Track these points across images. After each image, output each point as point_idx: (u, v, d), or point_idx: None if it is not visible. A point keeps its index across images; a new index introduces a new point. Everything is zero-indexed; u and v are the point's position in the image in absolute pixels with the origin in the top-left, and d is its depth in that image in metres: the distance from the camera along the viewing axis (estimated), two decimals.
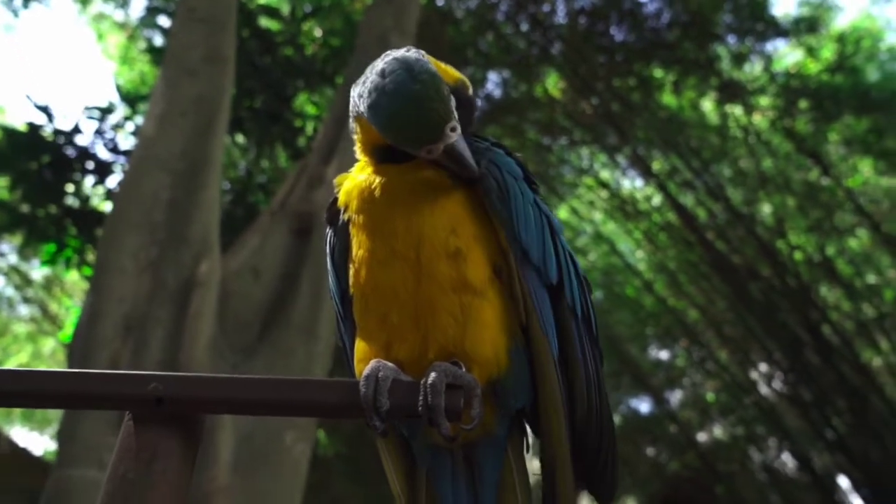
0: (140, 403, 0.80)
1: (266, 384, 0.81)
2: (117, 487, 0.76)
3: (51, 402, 0.83)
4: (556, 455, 0.89)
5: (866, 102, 8.97)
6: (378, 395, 0.81)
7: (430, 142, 0.89)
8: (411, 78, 0.87)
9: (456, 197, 0.94)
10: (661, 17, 9.68)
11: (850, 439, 10.03)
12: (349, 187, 1.01)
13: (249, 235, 4.39)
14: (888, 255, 9.92)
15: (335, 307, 1.05)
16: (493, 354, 0.88)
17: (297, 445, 3.51)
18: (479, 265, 0.91)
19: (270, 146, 8.08)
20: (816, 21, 9.18)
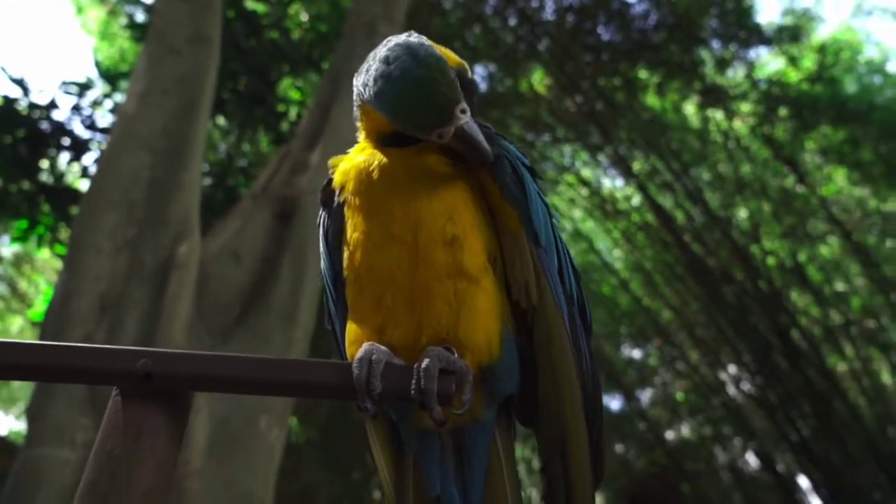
0: (129, 379, 0.79)
1: (258, 363, 0.81)
2: (104, 464, 0.76)
3: (39, 374, 0.82)
4: (568, 429, 0.90)
5: (843, 113, 9.15)
6: (371, 377, 0.81)
7: (440, 125, 0.88)
8: (416, 63, 0.87)
9: (455, 184, 0.95)
10: (648, 18, 9.75)
11: (812, 441, 10.27)
12: (346, 168, 1.01)
13: (230, 218, 4.34)
14: (857, 264, 10.14)
15: (327, 289, 1.05)
16: (486, 342, 0.89)
17: (272, 431, 3.49)
18: (475, 253, 0.92)
19: (253, 130, 8.00)
20: (799, 30, 9.32)
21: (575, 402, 0.90)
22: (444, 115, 0.88)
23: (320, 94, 5.50)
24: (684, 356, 11.20)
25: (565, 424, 0.90)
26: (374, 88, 0.90)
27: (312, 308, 4.13)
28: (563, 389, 0.91)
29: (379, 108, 0.91)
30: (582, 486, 0.89)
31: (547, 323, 0.92)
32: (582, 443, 0.90)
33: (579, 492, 0.89)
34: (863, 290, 10.56)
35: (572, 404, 0.90)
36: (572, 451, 0.90)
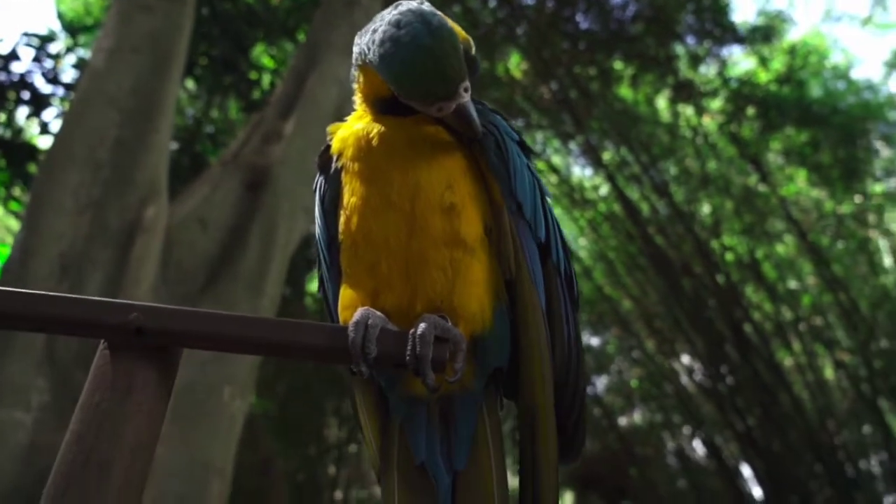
0: (119, 332, 0.78)
1: (254, 323, 0.81)
2: (91, 417, 0.74)
3: (23, 323, 0.80)
4: (537, 403, 0.91)
5: (808, 116, 9.39)
6: (366, 341, 0.81)
7: (443, 99, 0.88)
8: (429, 32, 0.86)
9: (453, 154, 0.95)
10: (626, 9, 9.80)
11: (756, 431, 10.67)
12: (344, 135, 1.00)
13: (198, 185, 4.25)
14: (810, 263, 10.50)
15: (321, 254, 1.05)
16: (479, 311, 0.90)
17: (235, 401, 3.47)
18: (472, 223, 0.92)
19: (223, 96, 7.81)
20: (771, 31, 9.49)
21: (545, 376, 0.92)
22: (450, 89, 0.87)
23: (296, 63, 5.40)
24: (641, 345, 11.46)
25: (534, 399, 0.92)
26: (380, 50, 0.88)
27: (280, 279, 4.09)
28: (533, 362, 0.92)
29: (382, 71, 0.90)
30: (549, 461, 0.91)
31: (523, 296, 0.93)
32: (549, 419, 0.91)
33: (545, 465, 0.90)
34: (813, 288, 10.94)
35: (542, 379, 0.92)
36: (540, 424, 0.91)
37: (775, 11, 9.93)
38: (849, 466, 10.43)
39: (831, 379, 11.13)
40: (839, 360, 10.48)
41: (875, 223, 10.34)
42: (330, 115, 5.01)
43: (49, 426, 2.92)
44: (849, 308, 9.98)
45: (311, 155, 4.64)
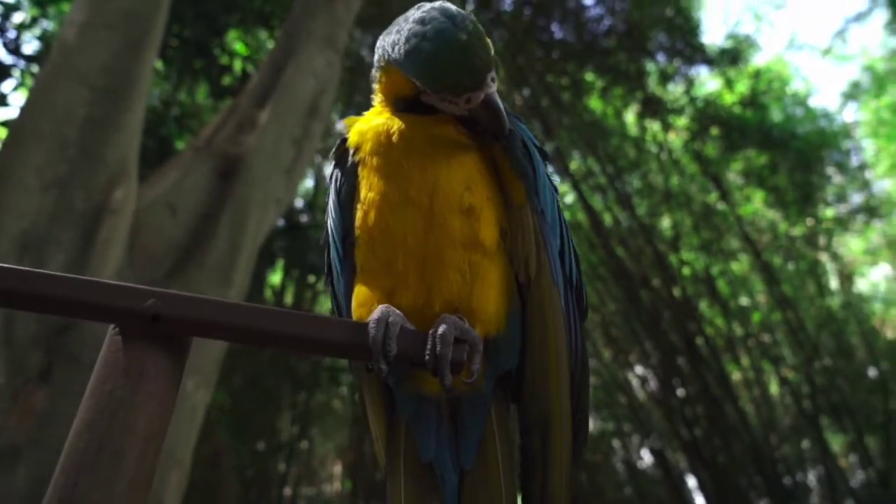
0: (134, 318, 0.76)
1: (274, 315, 0.80)
2: (104, 404, 0.72)
3: (39, 305, 0.77)
4: (551, 406, 0.92)
5: (768, 139, 9.71)
6: (387, 339, 0.81)
7: (472, 88, 0.89)
8: (454, 25, 0.87)
9: (473, 156, 0.95)
10: (601, 22, 9.98)
11: (703, 442, 10.95)
12: (363, 129, 1.00)
13: (169, 169, 4.14)
14: (762, 282, 10.84)
15: (333, 247, 1.04)
16: (495, 314, 0.91)
17: (198, 392, 3.39)
18: (490, 225, 0.93)
19: (192, 79, 7.63)
20: (738, 55, 9.78)
21: (562, 381, 0.93)
22: (478, 79, 0.88)
23: (274, 52, 5.32)
24: (597, 354, 11.64)
25: (549, 403, 0.92)
26: (406, 47, 0.88)
27: (248, 270, 4.02)
28: (550, 366, 0.93)
29: (408, 68, 0.90)
30: (560, 466, 0.92)
31: (541, 298, 0.94)
32: (565, 423, 0.93)
33: (556, 472, 0.91)
34: (763, 306, 11.31)
35: (559, 382, 0.93)
36: (555, 430, 0.92)
37: (743, 36, 10.24)
38: (787, 479, 10.80)
39: (776, 394, 11.51)
40: (784, 376, 10.85)
41: (824, 246, 10.74)
42: (305, 106, 4.96)
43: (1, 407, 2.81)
44: (795, 327, 10.34)
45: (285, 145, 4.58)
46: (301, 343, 0.81)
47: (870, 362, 10.47)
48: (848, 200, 11.16)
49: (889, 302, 11.28)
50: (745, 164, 10.00)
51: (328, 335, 0.81)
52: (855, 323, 10.59)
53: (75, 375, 2.92)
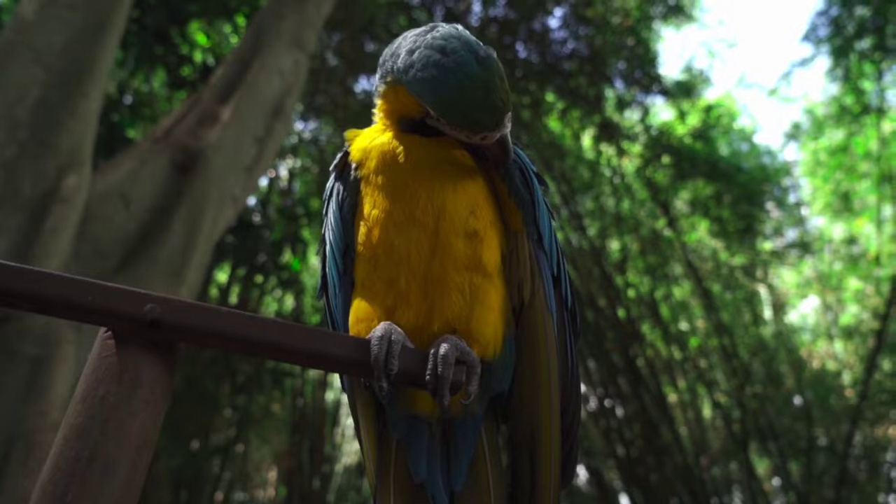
0: (131, 323, 0.73)
1: (277, 327, 0.78)
2: (95, 410, 0.69)
3: (32, 304, 0.73)
4: (541, 428, 0.93)
5: (715, 171, 10.09)
6: (390, 357, 0.81)
7: (490, 129, 0.89)
8: (478, 63, 0.87)
9: (477, 180, 0.96)
10: (564, 45, 10.19)
11: (637, 461, 11.22)
12: (366, 146, 0.99)
13: (124, 158, 4.00)
14: (701, 308, 11.22)
15: (332, 261, 1.02)
16: (493, 337, 0.92)
17: None
18: (492, 249, 0.94)
19: (150, 67, 7.40)
20: (692, 88, 10.16)
21: (553, 405, 0.94)
22: (497, 120, 0.89)
23: (240, 47, 5.22)
24: None
25: (539, 424, 0.94)
26: (423, 74, 0.88)
27: (201, 268, 3.91)
28: (541, 389, 0.94)
29: (423, 95, 0.90)
30: (548, 487, 0.93)
31: (534, 322, 0.96)
32: (554, 445, 0.94)
33: (545, 493, 0.93)
34: (701, 331, 11.70)
35: (549, 406, 0.94)
36: (543, 451, 0.93)
37: (697, 71, 10.65)
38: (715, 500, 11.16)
39: (708, 417, 11.90)
40: (717, 400, 11.24)
41: (761, 278, 11.21)
42: (270, 105, 4.88)
43: None
44: (730, 353, 10.73)
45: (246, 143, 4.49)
46: (302, 356, 0.80)
47: (796, 391, 10.95)
48: (784, 235, 11.70)
49: (816, 334, 11.84)
50: (693, 194, 10.36)
51: (330, 350, 0.80)
52: (784, 352, 11.07)
53: (14, 370, 2.77)
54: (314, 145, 12.27)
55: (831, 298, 11.28)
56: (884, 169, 10.05)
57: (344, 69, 10.52)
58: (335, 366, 0.83)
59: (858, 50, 9.85)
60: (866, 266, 10.57)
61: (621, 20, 9.81)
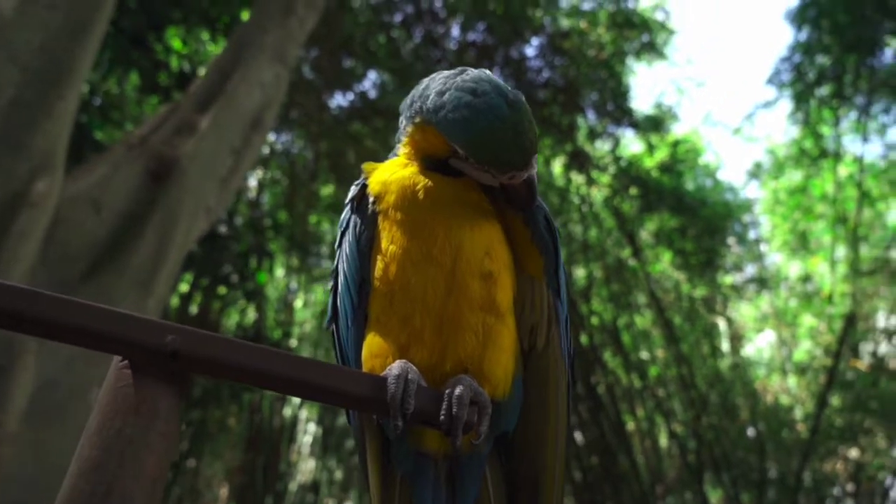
0: (151, 354, 0.72)
1: (295, 362, 0.78)
2: (112, 443, 0.68)
3: (54, 332, 0.71)
4: (545, 468, 0.95)
5: (680, 205, 10.35)
6: (406, 396, 0.81)
7: (518, 169, 0.91)
8: (508, 104, 0.89)
9: (493, 222, 0.98)
10: (540, 73, 10.39)
11: (594, 487, 11.30)
12: (385, 179, 1.00)
13: (97, 163, 3.91)
14: (662, 338, 11.44)
15: (346, 295, 1.02)
16: (503, 378, 0.93)
17: None
18: (506, 291, 0.95)
19: (124, 70, 7.28)
20: (661, 123, 10.44)
21: (558, 447, 0.96)
22: (526, 160, 0.91)
23: (221, 58, 5.19)
24: None
25: (543, 466, 0.95)
26: (454, 115, 0.90)
27: (171, 280, 3.84)
28: (547, 432, 0.96)
29: (453, 134, 0.92)
30: None
31: (547, 369, 0.98)
32: (557, 487, 0.96)
33: None
34: (661, 361, 11.90)
35: (555, 449, 0.96)
36: (545, 493, 0.95)
37: (666, 106, 10.96)
38: None
39: (665, 446, 12.06)
40: (673, 430, 11.41)
41: (721, 310, 11.49)
42: (249, 117, 4.85)
43: None
44: (688, 383, 10.94)
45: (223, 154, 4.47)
46: (318, 392, 0.80)
47: (750, 423, 11.19)
48: (743, 270, 12.03)
49: (771, 368, 12.16)
50: (658, 225, 10.60)
51: (348, 388, 0.80)
52: (740, 385, 11.33)
53: None
54: (285, 157, 12.18)
55: (786, 334, 11.62)
56: (838, 211, 10.46)
57: (320, 84, 10.52)
58: (351, 403, 0.83)
59: (818, 96, 10.28)
60: (820, 304, 10.94)
61: (596, 53, 10.05)
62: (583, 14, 9.94)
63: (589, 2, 9.94)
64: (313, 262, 12.93)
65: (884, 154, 10.34)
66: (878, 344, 10.65)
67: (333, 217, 12.79)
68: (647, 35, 9.79)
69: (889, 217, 10.90)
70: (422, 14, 9.92)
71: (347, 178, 12.05)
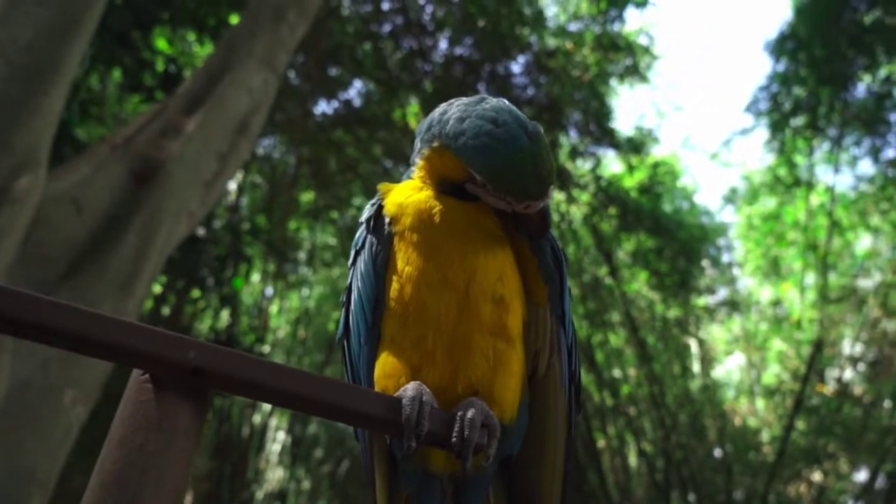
0: (173, 370, 0.73)
1: (317, 382, 0.79)
2: (134, 458, 0.68)
3: (75, 343, 0.71)
4: (543, 494, 0.97)
5: (657, 226, 10.51)
6: (421, 418, 0.82)
7: (534, 199, 0.93)
8: (528, 135, 0.92)
9: (505, 248, 1.00)
10: (525, 90, 10.50)
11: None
12: (402, 201, 1.01)
13: (79, 162, 3.85)
14: (634, 357, 11.56)
15: (360, 314, 1.02)
16: (511, 402, 0.95)
17: (76, 408, 3.10)
18: (516, 317, 0.97)
19: (107, 67, 7.19)
20: (641, 145, 10.61)
21: (556, 472, 0.98)
22: (542, 191, 0.93)
23: (210, 61, 5.16)
24: None
25: (543, 488, 0.97)
26: (475, 142, 0.92)
27: (150, 283, 3.79)
28: (546, 457, 0.98)
29: (472, 161, 0.94)
30: None
31: (547, 396, 1.00)
32: None
33: None
34: (633, 380, 12.03)
35: (552, 473, 0.98)
36: None
37: (647, 129, 11.14)
38: None
39: (634, 465, 12.16)
40: (643, 448, 11.52)
41: (693, 332, 11.65)
42: (236, 122, 4.83)
43: None
44: (659, 403, 11.06)
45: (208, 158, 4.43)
46: (335, 411, 0.80)
47: (718, 444, 11.34)
48: (716, 293, 12.24)
49: (740, 390, 12.35)
50: (636, 245, 10.74)
51: (363, 407, 0.81)
52: (710, 406, 11.48)
53: None
54: (266, 162, 12.10)
55: (755, 357, 11.82)
56: (809, 239, 10.72)
57: (306, 90, 10.50)
58: (367, 422, 0.84)
59: (793, 126, 10.56)
60: (789, 329, 11.16)
61: (581, 74, 10.20)
62: (569, 34, 10.09)
63: (576, 23, 10.09)
64: (290, 268, 12.84)
65: (854, 185, 10.64)
66: (843, 370, 10.90)
67: (312, 224, 12.73)
68: (631, 58, 9.97)
69: (857, 246, 11.20)
70: (410, 26, 9.98)
71: (328, 186, 12.01)
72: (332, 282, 13.72)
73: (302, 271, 13.43)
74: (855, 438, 10.11)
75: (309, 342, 14.11)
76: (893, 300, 10.39)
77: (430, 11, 10.42)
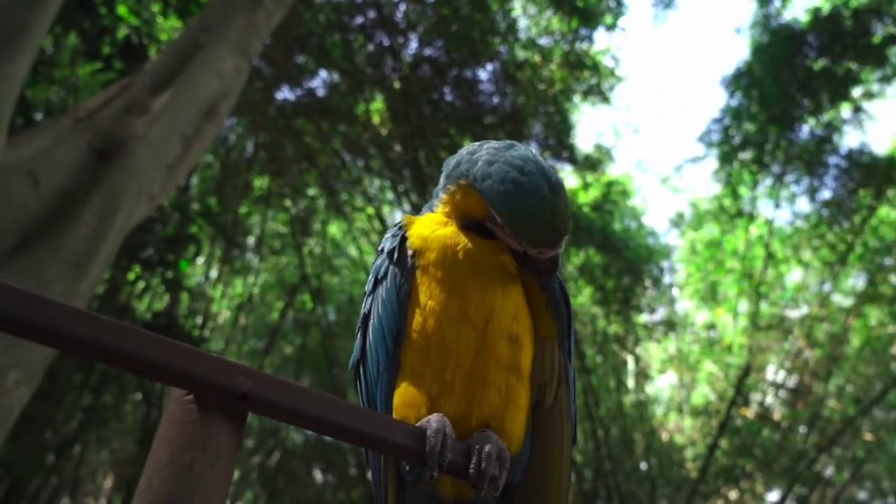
0: (222, 393, 0.74)
1: (350, 411, 0.81)
2: (183, 478, 0.69)
3: (128, 363, 0.71)
4: None
5: (606, 244, 10.80)
6: (444, 450, 0.86)
7: (549, 247, 0.99)
8: (549, 186, 0.97)
9: (518, 287, 1.05)
10: (490, 98, 10.61)
11: None
12: (426, 234, 1.04)
13: (38, 133, 3.69)
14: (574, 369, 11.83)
15: (381, 342, 1.05)
16: (519, 434, 1.00)
17: (18, 389, 2.98)
18: (527, 354, 1.02)
19: (65, 32, 6.89)
20: (598, 163, 10.88)
21: (561, 496, 1.03)
22: (557, 241, 0.99)
23: (181, 40, 5.02)
24: None
25: None
26: (501, 187, 0.97)
27: (106, 265, 3.67)
28: (550, 484, 1.03)
29: (495, 203, 0.98)
30: None
31: (553, 426, 1.05)
32: None
33: None
34: None
35: (557, 497, 1.03)
36: None
37: (605, 147, 11.44)
38: None
39: None
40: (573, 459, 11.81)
41: (631, 349, 12.03)
42: (204, 106, 4.72)
43: None
44: (593, 415, 11.37)
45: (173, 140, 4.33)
46: (369, 440, 0.83)
47: (644, 458, 11.74)
48: (655, 311, 12.66)
49: (669, 408, 12.82)
50: (584, 261, 11.00)
51: (392, 437, 0.84)
52: (640, 421, 11.87)
53: None
54: (221, 143, 11.81)
55: (687, 377, 12.30)
56: (746, 268, 11.23)
57: (269, 75, 10.31)
58: (394, 451, 0.87)
59: (741, 159, 11.05)
60: (720, 352, 11.66)
61: (546, 88, 10.38)
62: (539, 48, 10.25)
63: (546, 37, 10.27)
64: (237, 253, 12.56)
65: (791, 220, 11.22)
66: (765, 395, 11.47)
67: (263, 210, 12.50)
68: (596, 78, 10.21)
69: (788, 279, 11.81)
70: (383, 21, 9.93)
71: (283, 173, 11.82)
72: (278, 270, 13.51)
73: (248, 258, 13.17)
74: (771, 461, 10.66)
75: (249, 329, 13.85)
76: (817, 332, 11.00)
77: (404, 10, 10.41)
